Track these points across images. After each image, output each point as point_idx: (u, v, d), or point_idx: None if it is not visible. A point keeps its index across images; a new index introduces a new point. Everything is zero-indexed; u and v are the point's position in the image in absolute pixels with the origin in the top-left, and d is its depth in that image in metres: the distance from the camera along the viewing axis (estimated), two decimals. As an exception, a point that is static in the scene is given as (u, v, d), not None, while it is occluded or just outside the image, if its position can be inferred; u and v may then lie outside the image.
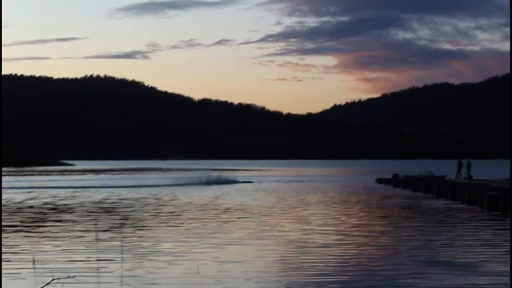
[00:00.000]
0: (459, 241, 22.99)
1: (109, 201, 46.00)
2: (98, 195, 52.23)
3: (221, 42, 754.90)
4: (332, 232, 25.97)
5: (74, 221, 30.74)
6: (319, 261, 18.64)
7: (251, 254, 20.04)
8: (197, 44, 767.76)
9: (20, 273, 16.76)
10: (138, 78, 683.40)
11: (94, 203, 43.88)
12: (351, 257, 19.52)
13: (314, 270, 17.20)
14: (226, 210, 37.60)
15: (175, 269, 17.55)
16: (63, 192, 56.79)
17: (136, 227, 28.33)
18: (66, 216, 33.66)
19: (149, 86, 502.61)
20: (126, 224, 29.55)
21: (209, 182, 74.94)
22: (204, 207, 39.88)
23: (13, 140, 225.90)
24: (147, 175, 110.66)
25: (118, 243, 22.05)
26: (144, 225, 29.19)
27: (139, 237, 24.72)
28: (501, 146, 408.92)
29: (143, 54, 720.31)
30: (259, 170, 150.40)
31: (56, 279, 11.86)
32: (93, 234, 24.85)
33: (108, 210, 37.88)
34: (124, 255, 19.31)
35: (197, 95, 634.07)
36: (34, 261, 17.82)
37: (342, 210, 37.62)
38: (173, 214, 34.91)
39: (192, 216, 33.52)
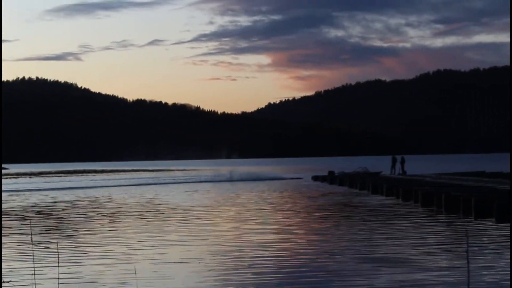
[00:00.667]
0: (396, 237, 23.16)
1: (43, 204, 45.36)
2: (32, 198, 51.46)
3: (153, 42, 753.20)
4: (269, 230, 25.99)
5: (9, 226, 30.22)
6: (257, 260, 18.61)
7: (189, 255, 19.94)
8: (129, 45, 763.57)
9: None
10: (71, 80, 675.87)
11: (28, 206, 43.22)
12: (289, 255, 19.51)
13: (252, 269, 17.18)
14: (164, 210, 37.39)
15: (112, 271, 17.37)
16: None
17: (72, 229, 27.99)
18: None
19: (83, 88, 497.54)
20: (62, 227, 29.17)
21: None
22: (143, 207, 39.61)
23: None
24: (84, 177, 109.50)
25: (55, 246, 21.75)
26: (81, 227, 28.85)
27: (76, 239, 24.42)
28: (433, 141, 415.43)
29: (75, 56, 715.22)
30: (195, 170, 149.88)
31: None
32: (27, 237, 24.47)
33: (42, 213, 37.34)
34: (61, 258, 19.03)
35: (131, 96, 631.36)
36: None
37: (279, 208, 37.67)
38: (111, 215, 34.56)
39: (131, 217, 33.25)
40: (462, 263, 16.93)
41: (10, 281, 14.54)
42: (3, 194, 59.35)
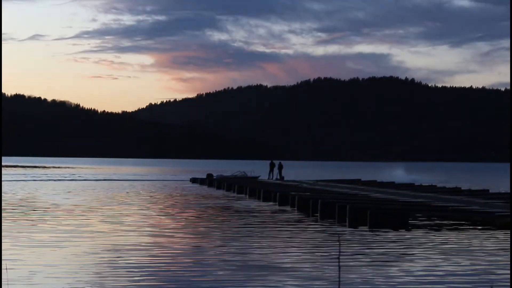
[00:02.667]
0: (269, 243, 23.24)
1: None
2: None
3: (34, 37, 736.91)
4: (146, 233, 25.81)
5: None
6: (132, 263, 18.40)
7: (61, 256, 19.56)
8: (9, 38, 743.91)
9: None
10: None
11: None
12: (164, 259, 19.38)
13: (127, 273, 16.99)
14: (38, 208, 36.63)
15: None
16: None
17: None
18: None
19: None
20: None
21: None
22: (17, 205, 38.66)
23: None
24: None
25: None
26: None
27: None
28: (309, 148, 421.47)
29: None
30: (71, 168, 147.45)
31: None
32: None
33: None
34: None
35: (9, 91, 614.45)
36: None
37: (157, 210, 37.49)
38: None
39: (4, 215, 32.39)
40: (334, 269, 17.20)
41: None
42: None
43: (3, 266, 16.78)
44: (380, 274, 16.91)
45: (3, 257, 18.78)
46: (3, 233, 24.54)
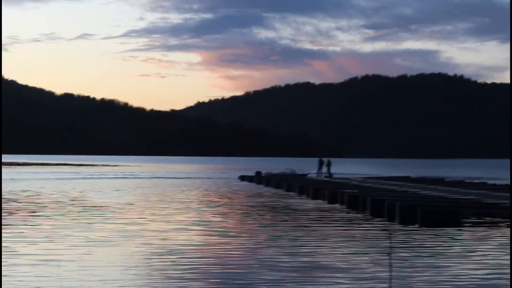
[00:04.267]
0: (322, 242, 23.09)
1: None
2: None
3: (83, 36, 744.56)
4: (196, 232, 25.78)
5: None
6: (183, 264, 18.31)
7: (111, 256, 19.60)
8: (58, 37, 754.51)
9: None
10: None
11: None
12: (215, 260, 19.24)
13: (178, 274, 16.98)
14: (94, 207, 36.90)
15: (35, 272, 16.90)
16: None
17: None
18: None
19: (9, 80, 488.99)
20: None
21: None
22: (68, 204, 39.02)
23: None
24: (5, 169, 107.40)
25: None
26: (4, 222, 28.19)
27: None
28: (359, 145, 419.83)
29: (2, 47, 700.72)
30: (120, 166, 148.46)
31: None
32: None
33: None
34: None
35: (58, 90, 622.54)
36: None
37: (206, 208, 37.49)
38: (32, 211, 33.94)
39: (55, 214, 32.69)
40: (386, 267, 17.00)
41: None
42: None
43: (58, 264, 16.91)
44: (435, 273, 16.61)
45: (58, 257, 18.93)
46: (60, 233, 24.74)
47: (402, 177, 68.76)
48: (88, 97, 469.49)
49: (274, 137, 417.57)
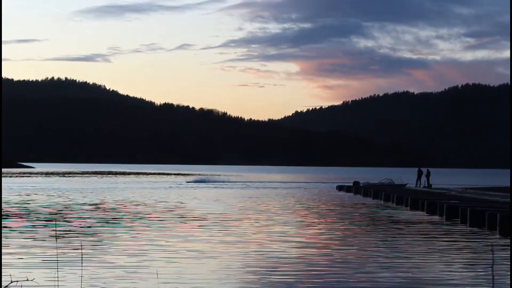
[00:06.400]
0: (422, 255, 22.73)
1: (66, 203, 45.16)
2: (56, 198, 51.21)
3: (182, 46, 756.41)
4: (293, 244, 25.70)
5: (33, 226, 30.20)
6: (279, 276, 18.29)
7: (208, 267, 19.78)
8: (158, 48, 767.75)
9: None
10: (99, 81, 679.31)
11: (51, 205, 43.08)
12: (310, 272, 19.20)
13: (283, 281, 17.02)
14: (193, 217, 37.27)
15: (133, 280, 17.16)
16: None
17: (96, 232, 27.94)
18: (18, 220, 33.05)
19: (111, 90, 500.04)
20: (85, 229, 29.14)
21: None
22: (171, 213, 39.54)
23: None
24: (109, 178, 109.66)
25: (78, 248, 21.71)
26: (107, 230, 28.79)
27: (100, 243, 24.38)
28: (458, 155, 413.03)
29: (104, 57, 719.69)
30: (218, 175, 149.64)
31: (15, 281, 11.67)
32: (52, 239, 24.45)
33: (65, 214, 37.20)
34: (85, 263, 18.91)
35: (158, 100, 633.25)
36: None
37: (304, 218, 37.46)
38: (136, 221, 34.52)
39: (159, 221, 33.20)
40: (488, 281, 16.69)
41: (34, 279, 14.61)
42: (26, 192, 59.19)
43: (155, 274, 17.20)
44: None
45: (155, 267, 19.26)
46: (154, 243, 25.16)
47: (503, 188, 67.29)
48: (187, 106, 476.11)
49: (373, 147, 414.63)
